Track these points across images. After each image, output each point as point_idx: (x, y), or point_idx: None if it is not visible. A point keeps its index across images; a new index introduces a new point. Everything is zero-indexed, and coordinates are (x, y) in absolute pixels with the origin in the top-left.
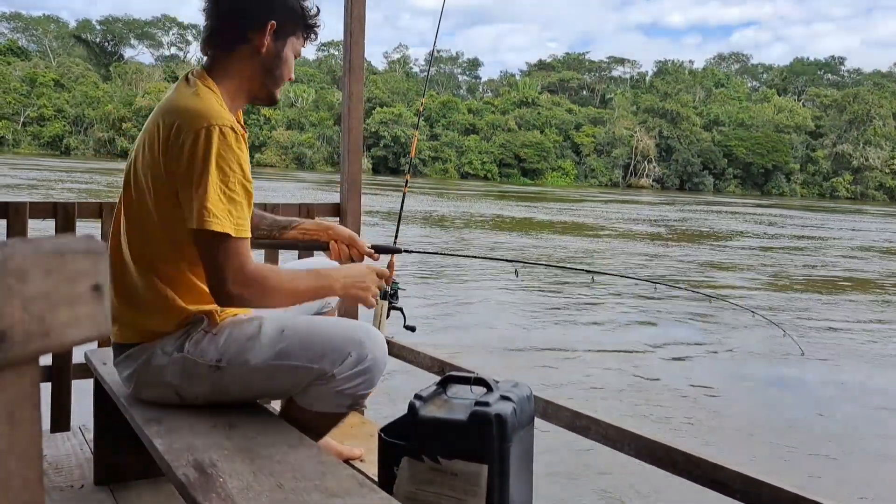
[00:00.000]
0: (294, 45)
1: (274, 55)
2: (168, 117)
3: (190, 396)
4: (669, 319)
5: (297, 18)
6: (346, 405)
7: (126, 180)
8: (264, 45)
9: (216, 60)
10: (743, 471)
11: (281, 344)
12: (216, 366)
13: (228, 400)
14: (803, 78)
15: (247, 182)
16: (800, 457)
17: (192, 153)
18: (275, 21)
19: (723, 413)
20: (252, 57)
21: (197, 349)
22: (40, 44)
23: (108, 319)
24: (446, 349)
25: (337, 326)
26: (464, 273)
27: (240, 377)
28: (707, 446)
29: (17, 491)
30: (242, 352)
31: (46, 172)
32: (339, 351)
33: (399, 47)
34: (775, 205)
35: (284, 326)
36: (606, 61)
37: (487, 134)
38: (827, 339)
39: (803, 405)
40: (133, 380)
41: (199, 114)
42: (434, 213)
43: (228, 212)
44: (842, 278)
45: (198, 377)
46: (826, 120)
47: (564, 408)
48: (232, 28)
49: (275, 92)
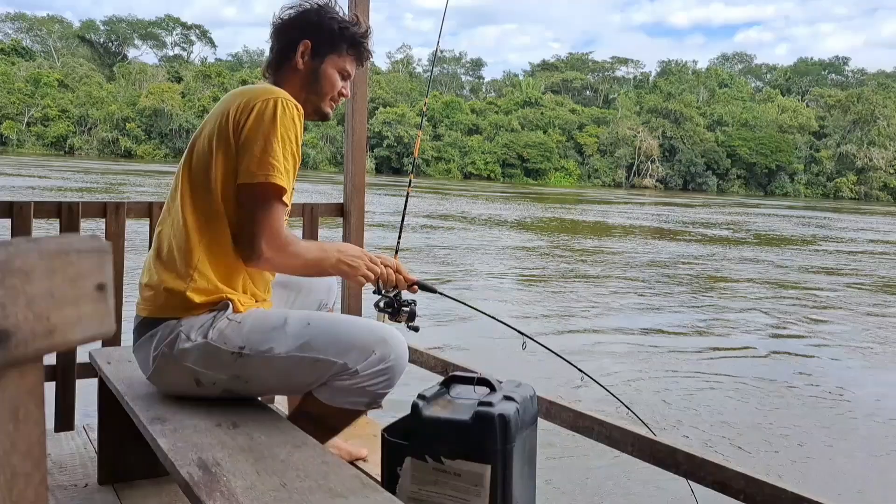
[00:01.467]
0: (336, 63)
1: (311, 72)
2: (240, 98)
3: (208, 383)
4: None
5: (336, 38)
6: (364, 403)
7: (190, 156)
8: (300, 63)
9: (270, 79)
10: (745, 471)
11: (306, 336)
12: (239, 353)
13: (245, 391)
14: (807, 78)
15: (297, 155)
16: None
17: (260, 117)
18: (309, 41)
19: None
20: (293, 74)
21: (220, 336)
22: (44, 44)
23: (112, 318)
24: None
25: (361, 324)
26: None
27: (261, 366)
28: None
29: (21, 490)
30: (267, 341)
31: (109, 176)
32: (364, 348)
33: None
34: (802, 206)
35: (310, 320)
36: (610, 61)
37: (490, 134)
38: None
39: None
40: (154, 362)
41: (269, 91)
42: (498, 216)
43: (286, 170)
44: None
45: (219, 364)
46: (830, 120)
47: (567, 408)
48: (279, 50)
49: (320, 106)
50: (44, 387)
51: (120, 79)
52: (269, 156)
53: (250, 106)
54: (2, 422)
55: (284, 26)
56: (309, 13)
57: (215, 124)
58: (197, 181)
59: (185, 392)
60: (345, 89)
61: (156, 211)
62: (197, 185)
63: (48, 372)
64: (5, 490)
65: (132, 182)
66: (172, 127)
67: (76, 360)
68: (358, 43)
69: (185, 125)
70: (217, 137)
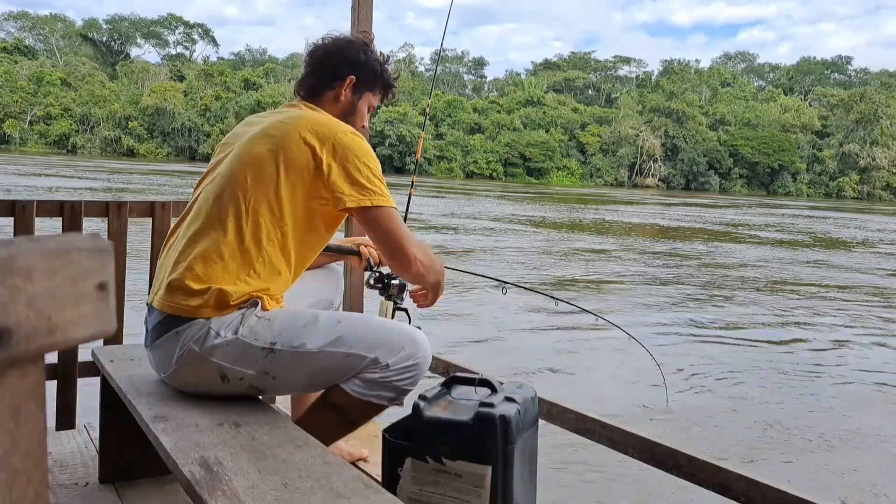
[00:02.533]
0: (369, 100)
1: (350, 105)
2: (306, 131)
3: (234, 379)
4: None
5: (377, 78)
6: (389, 398)
7: (234, 169)
8: (342, 95)
9: (305, 101)
10: (746, 473)
11: (338, 332)
12: (270, 348)
13: (271, 387)
14: (810, 77)
15: (379, 168)
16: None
17: (344, 147)
18: (354, 77)
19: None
20: (333, 103)
21: (251, 332)
22: (47, 43)
23: (113, 317)
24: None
25: (390, 323)
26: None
27: (292, 361)
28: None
29: (22, 488)
30: (298, 336)
31: (176, 178)
32: (394, 344)
33: (404, 46)
34: (827, 206)
35: (340, 318)
36: (612, 61)
37: (493, 133)
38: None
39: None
40: (178, 360)
41: (336, 122)
42: (541, 218)
43: (385, 189)
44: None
45: (249, 359)
46: (833, 119)
47: (569, 410)
48: (323, 77)
49: None
50: (45, 385)
51: (122, 77)
52: (373, 179)
53: (329, 138)
54: (3, 420)
55: (331, 56)
56: (357, 50)
57: (278, 144)
58: (258, 202)
59: (207, 390)
60: (366, 121)
61: (157, 210)
62: (259, 206)
63: (49, 370)
64: (6, 489)
65: (176, 183)
66: (175, 126)
67: (78, 359)
68: (390, 85)
69: (187, 124)
70: (284, 159)
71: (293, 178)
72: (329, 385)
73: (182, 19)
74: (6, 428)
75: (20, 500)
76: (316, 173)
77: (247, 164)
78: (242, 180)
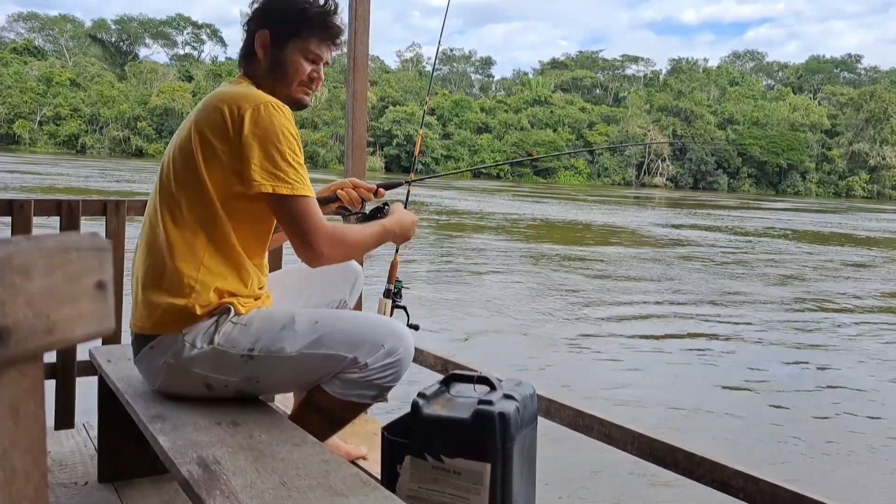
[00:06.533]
0: (300, 47)
1: (273, 62)
2: (221, 103)
3: (219, 387)
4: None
5: (295, 20)
6: (371, 396)
7: (167, 168)
8: (261, 55)
9: (241, 73)
10: (743, 469)
11: (315, 333)
12: (248, 355)
13: (257, 390)
14: (819, 76)
15: (299, 148)
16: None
17: (254, 125)
18: (267, 31)
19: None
20: (258, 67)
21: (228, 340)
22: (56, 43)
23: (112, 316)
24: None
25: (369, 320)
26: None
27: (272, 366)
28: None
29: (21, 488)
30: (276, 341)
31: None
32: (373, 342)
33: (412, 46)
34: (864, 207)
35: (318, 318)
36: (620, 60)
37: (500, 133)
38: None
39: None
40: (160, 374)
41: (252, 96)
42: (594, 221)
43: (301, 176)
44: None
45: (229, 367)
46: (842, 118)
47: (567, 406)
48: (245, 43)
49: (290, 94)
50: (44, 384)
51: (131, 78)
52: (282, 162)
53: (239, 118)
54: (2, 419)
55: (249, 19)
56: (269, 1)
57: (192, 132)
58: (188, 194)
59: (197, 397)
60: (316, 72)
61: None
62: (189, 198)
63: (48, 370)
64: (5, 488)
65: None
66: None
67: (76, 358)
68: (319, 22)
69: None
70: (202, 144)
71: (211, 162)
72: (313, 383)
73: (190, 19)
74: (5, 427)
75: (19, 499)
76: (231, 155)
77: (178, 150)
78: (174, 170)
